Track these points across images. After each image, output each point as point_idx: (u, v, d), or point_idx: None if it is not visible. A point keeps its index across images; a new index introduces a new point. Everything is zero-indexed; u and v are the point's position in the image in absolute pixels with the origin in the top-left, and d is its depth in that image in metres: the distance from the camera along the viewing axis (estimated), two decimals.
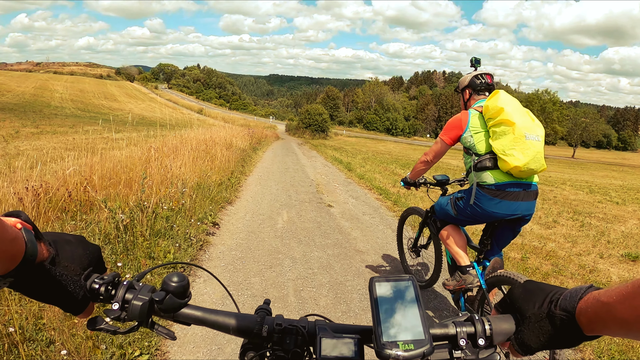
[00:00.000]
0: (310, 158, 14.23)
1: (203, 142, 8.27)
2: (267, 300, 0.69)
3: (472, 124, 2.22)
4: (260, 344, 0.61)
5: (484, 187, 2.17)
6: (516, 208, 2.14)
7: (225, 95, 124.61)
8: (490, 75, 2.37)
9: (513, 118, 2.01)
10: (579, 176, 25.71)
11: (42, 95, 55.68)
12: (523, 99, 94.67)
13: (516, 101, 2.14)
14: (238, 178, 7.34)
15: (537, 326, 0.54)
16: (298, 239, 4.35)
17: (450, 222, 2.51)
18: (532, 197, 2.18)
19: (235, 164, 8.50)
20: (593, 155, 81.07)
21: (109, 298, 0.57)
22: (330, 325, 0.60)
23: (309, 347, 0.60)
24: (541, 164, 2.06)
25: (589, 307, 0.49)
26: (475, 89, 2.36)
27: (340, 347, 0.55)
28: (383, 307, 0.54)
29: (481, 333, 0.57)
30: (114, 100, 70.31)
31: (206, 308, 0.61)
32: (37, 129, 17.22)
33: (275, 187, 7.38)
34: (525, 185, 2.15)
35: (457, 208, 2.38)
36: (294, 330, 0.59)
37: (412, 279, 0.58)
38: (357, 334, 0.57)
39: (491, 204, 2.15)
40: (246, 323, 0.60)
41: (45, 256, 0.53)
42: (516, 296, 0.59)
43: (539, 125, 2.11)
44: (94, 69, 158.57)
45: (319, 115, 42.07)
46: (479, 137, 2.18)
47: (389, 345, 0.50)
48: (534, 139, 2.02)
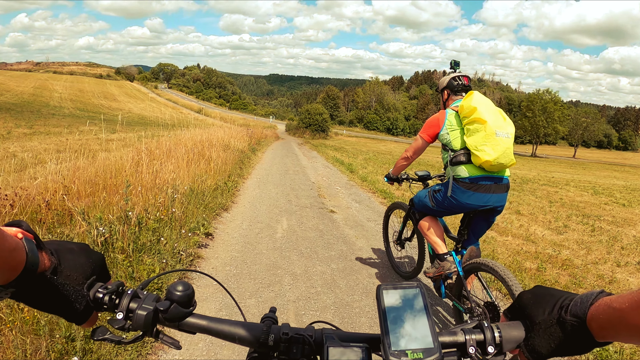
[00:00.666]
0: (310, 159, 13.85)
1: (199, 143, 7.90)
2: (273, 308, 0.68)
3: (448, 122, 2.39)
4: (267, 353, 0.59)
5: (459, 180, 2.33)
6: (488, 199, 2.31)
7: (225, 95, 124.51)
8: (467, 77, 2.53)
9: (485, 117, 2.17)
10: (582, 176, 25.59)
11: (42, 95, 55.49)
12: (524, 99, 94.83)
13: (489, 101, 2.30)
14: (235, 181, 6.97)
15: (547, 332, 0.53)
16: (299, 250, 4.00)
17: (429, 213, 2.68)
18: (503, 189, 2.34)
19: (232, 166, 8.13)
20: (594, 155, 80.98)
21: (113, 307, 0.56)
22: (338, 333, 0.59)
23: (316, 356, 0.58)
24: (510, 158, 2.23)
25: (601, 313, 0.48)
26: (453, 89, 2.53)
27: (348, 357, 0.53)
28: (391, 315, 0.53)
29: (490, 340, 0.56)
30: (113, 100, 70.15)
31: (211, 317, 0.59)
32: (30, 130, 16.86)
33: (275, 190, 7.01)
34: (496, 178, 2.31)
35: (434, 200, 2.55)
36: (300, 339, 0.58)
37: (419, 286, 0.57)
38: (365, 342, 0.56)
39: (465, 195, 2.32)
40: (252, 332, 0.59)
41: (47, 266, 0.52)
42: (525, 302, 0.58)
43: (510, 123, 2.28)
44: (94, 69, 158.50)
45: (319, 115, 41.78)
46: (455, 135, 2.35)
47: (397, 354, 0.49)
48: (504, 136, 2.19)
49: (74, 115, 33.07)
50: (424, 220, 2.70)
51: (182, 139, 7.60)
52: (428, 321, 0.53)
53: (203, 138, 8.49)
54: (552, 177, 22.06)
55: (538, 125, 65.84)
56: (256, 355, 0.60)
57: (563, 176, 24.22)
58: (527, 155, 62.70)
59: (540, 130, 66.25)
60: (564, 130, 69.88)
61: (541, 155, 65.59)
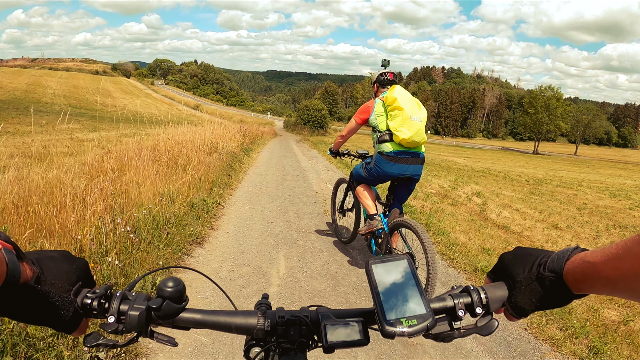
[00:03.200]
0: (311, 159, 12.65)
1: (179, 145, 6.49)
2: (266, 294, 0.68)
3: (376, 109, 3.00)
4: (264, 338, 0.59)
5: (383, 154, 2.98)
6: (406, 169, 2.97)
7: (223, 91, 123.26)
8: (393, 73, 3.13)
9: (403, 105, 2.84)
10: (589, 175, 24.94)
11: (34, 92, 54.28)
12: (524, 95, 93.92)
13: (408, 93, 2.96)
14: (220, 195, 5.57)
15: (528, 289, 0.55)
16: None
17: (363, 181, 3.28)
18: (419, 162, 3.01)
19: (218, 173, 6.59)
20: (594, 152, 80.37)
21: (103, 312, 0.55)
22: (333, 311, 0.59)
23: (313, 336, 0.59)
24: (422, 137, 2.91)
25: (576, 267, 0.50)
26: (381, 83, 3.13)
27: (345, 332, 0.54)
28: (382, 288, 0.54)
29: (477, 302, 0.58)
30: (108, 96, 68.81)
31: (205, 310, 0.58)
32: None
33: (270, 206, 5.59)
34: (413, 153, 2.97)
35: (366, 170, 3.17)
36: (297, 321, 0.58)
37: (406, 257, 0.58)
38: (360, 316, 0.57)
39: (388, 165, 2.97)
40: (248, 320, 0.59)
41: (29, 276, 0.50)
42: (507, 262, 0.60)
43: (423, 111, 2.97)
44: (90, 65, 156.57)
45: (318, 111, 40.63)
46: (381, 119, 2.98)
47: (393, 323, 0.51)
48: (417, 120, 2.86)
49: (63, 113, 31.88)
50: (360, 187, 3.30)
51: (160, 140, 6.37)
52: (418, 289, 0.54)
53: (186, 138, 7.18)
54: (561, 176, 21.29)
55: (541, 122, 64.87)
56: (254, 342, 0.59)
57: (571, 175, 23.48)
58: (529, 153, 61.82)
59: (543, 127, 65.29)
60: (567, 127, 68.97)
61: (543, 153, 64.67)
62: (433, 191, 8.32)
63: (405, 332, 0.50)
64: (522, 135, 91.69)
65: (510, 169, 22.44)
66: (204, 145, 7.60)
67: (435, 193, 8.12)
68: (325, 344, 0.53)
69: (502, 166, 25.41)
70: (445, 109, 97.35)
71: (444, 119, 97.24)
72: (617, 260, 0.44)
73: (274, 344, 0.57)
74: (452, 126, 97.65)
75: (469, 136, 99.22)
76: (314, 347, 0.59)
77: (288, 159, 11.94)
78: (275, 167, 9.64)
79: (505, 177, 15.34)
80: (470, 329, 0.57)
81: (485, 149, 62.00)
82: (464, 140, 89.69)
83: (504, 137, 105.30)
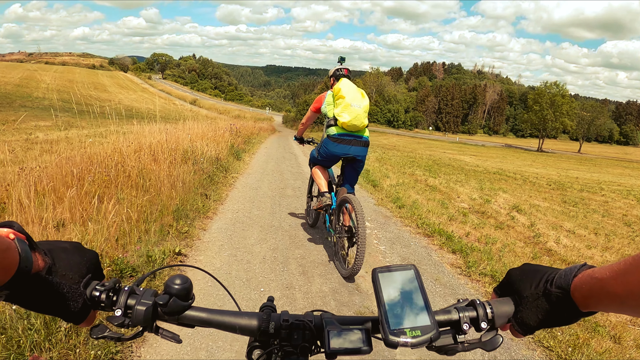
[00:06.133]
0: None
1: (143, 149, 5.01)
2: (271, 297, 0.67)
3: (327, 100, 3.41)
4: (267, 341, 0.58)
5: (330, 136, 3.34)
6: (349, 150, 3.31)
7: (221, 85, 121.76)
8: (347, 69, 3.55)
9: (345, 94, 3.19)
10: (600, 175, 23.91)
11: (27, 86, 52.83)
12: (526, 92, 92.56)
13: (353, 85, 3.31)
14: (183, 234, 3.66)
15: (534, 305, 0.54)
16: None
17: (317, 163, 3.66)
18: (361, 144, 3.34)
19: (190, 192, 4.70)
20: (596, 150, 79.26)
21: (111, 305, 0.55)
22: (337, 318, 0.58)
23: (316, 341, 0.58)
24: (361, 122, 3.23)
25: (584, 283, 0.49)
26: (337, 77, 3.53)
27: (348, 339, 0.54)
28: (388, 297, 0.54)
29: (483, 317, 0.57)
30: (103, 90, 67.37)
31: (210, 309, 0.58)
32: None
33: (260, 249, 3.66)
34: (356, 136, 3.31)
35: (318, 152, 3.56)
36: (301, 325, 0.58)
37: (414, 267, 0.58)
38: (364, 324, 0.57)
39: (333, 146, 3.33)
40: (253, 321, 0.58)
41: (41, 266, 0.51)
42: (514, 278, 0.59)
43: (365, 100, 3.27)
44: (87, 59, 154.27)
45: None
46: (330, 108, 3.36)
47: (396, 333, 0.50)
48: (357, 107, 3.18)
49: (49, 108, 30.50)
50: (315, 168, 3.68)
51: (121, 144, 4.83)
52: (424, 300, 0.53)
53: (153, 141, 5.51)
54: (575, 177, 20.13)
55: (546, 119, 63.54)
56: (257, 344, 0.59)
57: (583, 175, 22.32)
58: (534, 150, 60.61)
59: (549, 124, 63.98)
60: (572, 124, 67.66)
61: (547, 150, 63.48)
62: (466, 206, 6.96)
63: (408, 343, 0.49)
64: (524, 132, 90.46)
65: (522, 169, 21.28)
66: (176, 150, 5.84)
67: (469, 209, 6.74)
68: (328, 350, 0.53)
69: (512, 165, 24.25)
70: (446, 105, 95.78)
71: (444, 115, 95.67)
72: (625, 275, 0.43)
73: (277, 346, 0.57)
74: (453, 122, 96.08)
75: (470, 132, 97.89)
76: (316, 353, 0.58)
77: (287, 161, 10.35)
78: (272, 174, 7.77)
79: (525, 181, 14.10)
80: (474, 344, 0.55)
81: (489, 146, 60.70)
82: (466, 137, 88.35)
83: (505, 134, 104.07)
